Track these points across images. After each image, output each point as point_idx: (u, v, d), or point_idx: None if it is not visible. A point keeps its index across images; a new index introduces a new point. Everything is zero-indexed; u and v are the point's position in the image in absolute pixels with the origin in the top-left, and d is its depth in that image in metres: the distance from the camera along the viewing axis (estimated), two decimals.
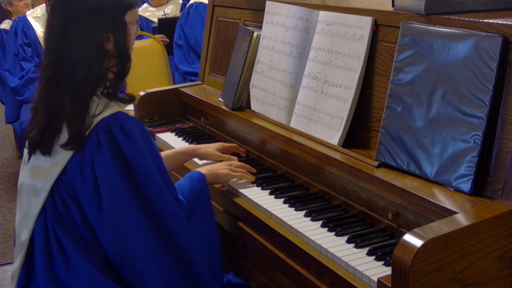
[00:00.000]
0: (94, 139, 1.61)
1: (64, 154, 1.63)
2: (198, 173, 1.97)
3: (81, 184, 1.62)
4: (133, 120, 1.67)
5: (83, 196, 1.63)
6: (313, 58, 2.11)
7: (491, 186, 1.55)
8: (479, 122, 1.55)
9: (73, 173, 1.63)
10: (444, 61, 1.65)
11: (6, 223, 4.01)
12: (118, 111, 1.65)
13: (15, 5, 5.18)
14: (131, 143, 1.63)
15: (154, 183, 1.66)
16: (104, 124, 1.62)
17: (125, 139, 1.62)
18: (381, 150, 1.78)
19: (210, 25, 2.93)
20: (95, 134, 1.61)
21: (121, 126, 1.63)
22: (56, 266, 1.66)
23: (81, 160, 1.62)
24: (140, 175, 1.63)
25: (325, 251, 1.65)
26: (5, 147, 5.70)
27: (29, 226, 1.70)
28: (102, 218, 1.62)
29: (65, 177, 1.64)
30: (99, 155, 1.61)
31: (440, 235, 1.34)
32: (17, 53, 4.37)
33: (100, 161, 1.60)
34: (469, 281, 1.41)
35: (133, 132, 1.64)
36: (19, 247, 1.73)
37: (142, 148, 1.65)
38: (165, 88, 2.98)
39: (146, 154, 1.65)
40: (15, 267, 1.73)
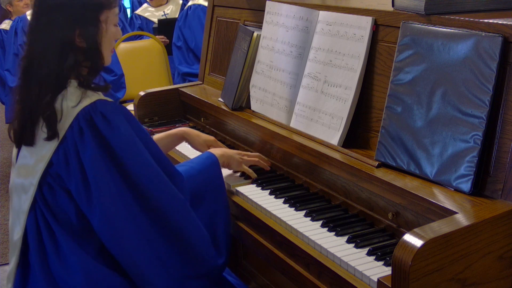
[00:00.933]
0: (76, 129, 1.63)
1: (48, 147, 1.65)
2: (213, 156, 2.00)
3: (67, 173, 1.64)
4: (113, 105, 1.69)
5: (71, 185, 1.64)
6: (313, 58, 2.11)
7: (491, 186, 1.55)
8: (479, 122, 1.55)
9: (59, 164, 1.64)
10: (444, 61, 1.65)
11: (6, 223, 4.01)
12: (97, 99, 1.67)
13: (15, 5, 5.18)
14: (113, 129, 1.64)
15: (141, 164, 1.66)
16: (85, 112, 1.64)
17: (107, 125, 1.64)
18: (381, 150, 1.79)
19: (210, 25, 2.92)
20: (77, 123, 1.63)
21: (101, 113, 1.64)
22: (50, 261, 1.67)
23: (66, 150, 1.64)
24: (125, 158, 1.64)
25: (325, 251, 1.65)
26: (5, 147, 5.70)
27: (21, 224, 1.71)
28: (91, 205, 1.62)
29: (51, 169, 1.66)
30: (82, 143, 1.62)
31: (440, 235, 1.34)
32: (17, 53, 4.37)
33: (85, 150, 1.62)
34: (469, 281, 1.41)
35: (114, 118, 1.65)
36: (13, 247, 1.74)
37: (125, 132, 1.66)
38: (165, 88, 2.99)
39: (130, 137, 1.66)
40: (10, 268, 1.74)
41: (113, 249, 1.66)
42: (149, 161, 1.68)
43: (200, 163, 1.96)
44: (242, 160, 2.11)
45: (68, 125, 1.63)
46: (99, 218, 1.63)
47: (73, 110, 1.64)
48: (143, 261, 1.66)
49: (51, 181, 1.67)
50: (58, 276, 1.66)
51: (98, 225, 1.64)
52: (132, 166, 1.65)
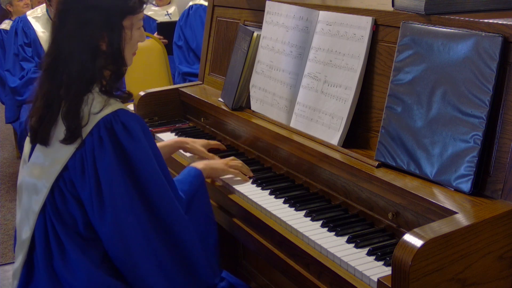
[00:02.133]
0: (96, 136, 1.62)
1: (65, 151, 1.65)
2: (195, 169, 1.99)
3: (81, 181, 1.63)
4: (134, 117, 1.69)
5: (84, 193, 1.64)
6: (313, 58, 2.11)
7: (491, 186, 1.55)
8: (479, 122, 1.55)
9: (74, 169, 1.64)
10: (444, 61, 1.65)
11: (6, 223, 4.01)
12: (119, 108, 1.67)
13: (15, 5, 5.18)
14: (133, 140, 1.64)
15: (156, 180, 1.67)
16: (106, 121, 1.63)
17: (127, 136, 1.64)
18: (381, 150, 1.79)
19: (210, 25, 2.93)
20: (97, 131, 1.63)
21: (123, 123, 1.64)
22: (55, 264, 1.67)
23: (83, 157, 1.63)
24: (142, 172, 1.64)
25: (325, 251, 1.65)
26: (5, 147, 5.70)
27: (30, 224, 1.71)
28: (103, 214, 1.62)
29: (65, 174, 1.65)
30: (101, 151, 1.62)
31: (440, 235, 1.34)
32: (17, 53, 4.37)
33: (102, 158, 1.62)
34: (469, 281, 1.41)
35: (135, 129, 1.65)
36: (20, 246, 1.74)
37: (144, 145, 1.66)
38: (165, 88, 2.98)
39: (148, 152, 1.67)
40: (17, 265, 1.74)
41: (117, 260, 1.67)
42: (162, 179, 1.69)
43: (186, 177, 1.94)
44: (225, 166, 2.11)
45: (89, 131, 1.63)
46: (108, 230, 1.63)
47: (95, 117, 1.64)
48: (148, 273, 1.67)
49: (62, 186, 1.66)
50: (62, 278, 1.67)
51: (107, 234, 1.64)
52: (146, 181, 1.65)
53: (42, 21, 4.36)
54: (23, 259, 1.72)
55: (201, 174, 1.97)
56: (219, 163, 2.12)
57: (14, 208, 4.18)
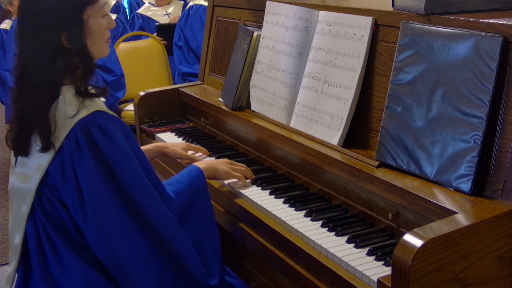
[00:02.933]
0: (73, 141, 1.60)
1: (44, 157, 1.62)
2: (197, 169, 1.96)
3: (64, 186, 1.62)
4: (112, 118, 1.65)
5: (67, 198, 1.62)
6: (313, 58, 2.11)
7: (491, 186, 1.55)
8: (479, 122, 1.55)
9: (55, 175, 1.62)
10: (444, 61, 1.65)
11: (6, 223, 4.01)
12: (95, 110, 1.63)
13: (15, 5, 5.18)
14: (111, 143, 1.61)
15: (137, 181, 1.64)
16: (82, 125, 1.60)
17: (104, 139, 1.60)
18: (381, 150, 1.79)
19: (210, 25, 2.93)
20: (74, 135, 1.59)
21: (99, 126, 1.61)
22: (51, 267, 1.66)
23: (62, 162, 1.61)
24: (121, 174, 1.61)
25: (325, 251, 1.65)
26: (5, 147, 5.70)
27: (20, 230, 1.69)
28: (86, 221, 1.60)
29: (48, 180, 1.63)
30: (79, 157, 1.59)
31: (440, 235, 1.34)
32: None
33: (81, 163, 1.59)
34: (469, 281, 1.41)
35: (113, 132, 1.62)
36: (13, 251, 1.73)
37: (123, 147, 1.63)
38: (165, 88, 2.99)
39: (127, 153, 1.63)
40: (10, 270, 1.73)
41: (107, 264, 1.65)
42: (145, 180, 1.66)
43: (186, 177, 1.92)
44: (228, 168, 2.06)
45: (65, 135, 1.60)
46: (94, 234, 1.61)
47: (70, 121, 1.60)
48: (138, 277, 1.65)
49: (47, 192, 1.65)
50: (58, 281, 1.66)
51: (93, 240, 1.62)
52: (128, 184, 1.62)
53: None
54: (16, 265, 1.72)
55: (202, 174, 1.94)
56: (222, 165, 2.06)
57: None
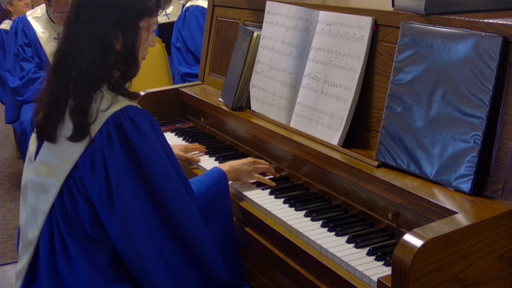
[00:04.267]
0: (105, 133, 1.61)
1: (74, 149, 1.63)
2: (219, 170, 1.97)
3: (91, 179, 1.62)
4: (143, 113, 1.68)
5: (94, 191, 1.63)
6: (313, 58, 2.11)
7: (491, 186, 1.55)
8: (479, 122, 1.55)
9: (84, 168, 1.63)
10: (444, 61, 1.65)
11: (6, 223, 4.01)
12: (128, 104, 1.66)
13: (15, 5, 5.17)
14: (142, 137, 1.63)
15: (165, 176, 1.66)
16: (115, 117, 1.62)
17: (136, 132, 1.63)
18: (381, 150, 1.79)
19: (210, 25, 2.93)
20: (106, 128, 1.62)
21: (131, 119, 1.63)
22: (59, 266, 1.66)
23: (93, 155, 1.62)
24: (150, 168, 1.63)
25: (325, 251, 1.65)
26: (5, 147, 5.70)
27: (38, 224, 1.69)
28: (113, 212, 1.61)
29: (75, 173, 1.64)
30: (110, 148, 1.61)
31: (440, 235, 1.34)
32: (17, 54, 4.36)
33: (111, 155, 1.61)
34: (469, 281, 1.41)
35: (143, 125, 1.64)
36: (26, 246, 1.72)
37: (153, 141, 1.65)
38: (165, 88, 2.99)
39: (157, 147, 1.66)
40: (22, 266, 1.72)
41: (126, 259, 1.66)
42: (173, 174, 1.68)
43: (208, 178, 1.93)
44: (251, 169, 2.07)
45: (98, 129, 1.62)
46: (119, 226, 1.62)
47: (104, 114, 1.62)
48: (156, 272, 1.66)
49: (72, 185, 1.65)
50: (65, 281, 1.66)
51: (117, 233, 1.63)
52: (155, 178, 1.64)
53: (42, 21, 4.36)
54: (28, 260, 1.71)
55: (225, 176, 1.95)
56: (245, 166, 2.06)
57: (14, 208, 4.18)
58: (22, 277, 1.72)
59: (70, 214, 1.66)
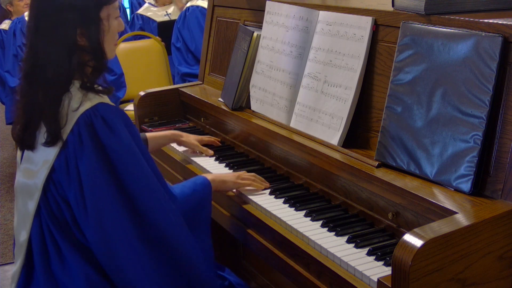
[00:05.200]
0: (76, 134, 1.60)
1: (51, 152, 1.62)
2: (203, 178, 1.95)
3: (67, 182, 1.61)
4: (115, 110, 1.65)
5: (70, 194, 1.61)
6: (313, 58, 2.11)
7: (491, 186, 1.55)
8: (479, 122, 1.55)
9: (60, 170, 1.62)
10: (444, 61, 1.65)
11: (6, 223, 4.01)
12: (99, 102, 1.63)
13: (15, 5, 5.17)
14: (113, 135, 1.60)
15: (139, 174, 1.63)
16: (86, 117, 1.60)
17: (107, 131, 1.60)
18: (381, 150, 1.78)
19: (210, 25, 2.93)
20: (77, 129, 1.59)
21: (102, 117, 1.61)
22: (53, 266, 1.66)
23: (67, 157, 1.61)
24: (123, 168, 1.60)
25: (325, 251, 1.65)
26: (5, 147, 5.70)
27: (26, 227, 1.69)
28: (86, 217, 1.59)
29: (54, 175, 1.63)
30: (80, 150, 1.59)
31: (440, 235, 1.34)
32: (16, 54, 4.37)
33: (82, 157, 1.59)
34: (469, 281, 1.41)
35: (115, 123, 1.61)
36: (19, 249, 1.73)
37: (126, 139, 1.62)
38: (165, 88, 2.99)
39: (130, 145, 1.63)
40: (16, 268, 1.73)
41: (104, 264, 1.63)
42: (148, 172, 1.65)
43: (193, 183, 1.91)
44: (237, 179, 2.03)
45: (69, 129, 1.60)
46: (93, 230, 1.60)
47: (74, 114, 1.60)
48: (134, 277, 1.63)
49: (52, 188, 1.64)
50: (60, 280, 1.65)
51: (92, 236, 1.61)
52: (129, 178, 1.61)
53: None
54: (21, 263, 1.71)
55: (209, 184, 1.93)
56: (230, 176, 2.04)
57: (13, 208, 4.18)
58: (16, 279, 1.72)
59: (57, 215, 1.65)
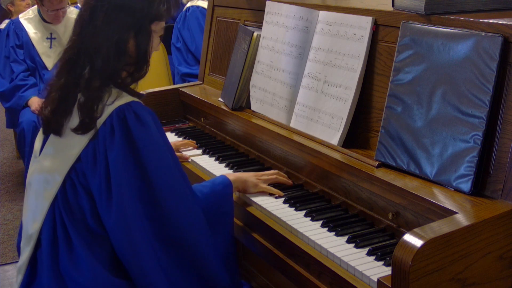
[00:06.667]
0: (109, 126, 1.64)
1: (78, 142, 1.66)
2: (224, 177, 1.95)
3: (93, 171, 1.64)
4: (147, 109, 1.71)
5: (94, 183, 1.64)
6: (313, 58, 2.11)
7: (491, 186, 1.55)
8: (479, 122, 1.55)
9: (86, 160, 1.65)
10: (444, 61, 1.65)
11: (6, 223, 4.01)
12: (132, 100, 1.69)
13: (17, 4, 5.17)
14: (143, 128, 1.65)
15: (165, 170, 1.66)
16: (119, 111, 1.65)
17: (139, 125, 1.65)
18: (381, 150, 1.79)
19: (210, 25, 2.93)
20: (110, 121, 1.64)
21: (135, 113, 1.66)
22: (61, 258, 1.66)
23: (95, 147, 1.64)
24: (150, 161, 1.64)
25: (325, 251, 1.65)
26: (5, 147, 5.70)
27: (39, 216, 1.70)
28: (110, 205, 1.62)
29: (78, 165, 1.66)
30: (111, 141, 1.63)
31: (440, 235, 1.34)
32: (8, 55, 4.34)
33: (112, 148, 1.62)
34: (469, 281, 1.41)
35: (146, 119, 1.67)
36: (27, 240, 1.72)
37: (155, 135, 1.67)
38: (165, 88, 2.99)
39: (158, 141, 1.67)
40: (22, 261, 1.73)
41: (121, 255, 1.65)
42: (174, 171, 1.68)
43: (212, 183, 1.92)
44: (258, 181, 2.03)
45: (102, 122, 1.64)
46: (114, 219, 1.62)
47: (109, 108, 1.65)
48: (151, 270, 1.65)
49: (74, 177, 1.67)
50: (66, 273, 1.65)
51: (112, 226, 1.63)
52: (155, 172, 1.64)
53: (34, 22, 4.35)
54: (29, 254, 1.71)
55: (230, 184, 1.93)
56: (252, 177, 2.04)
57: (14, 208, 4.18)
58: (23, 271, 1.72)
59: (72, 206, 1.67)
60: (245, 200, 2.02)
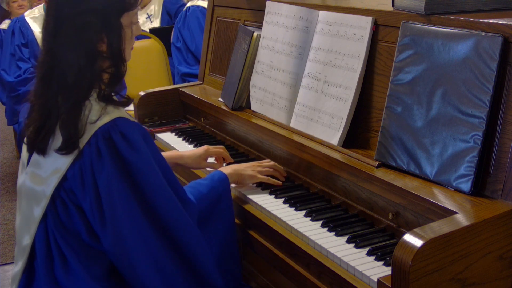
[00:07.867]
0: (94, 147, 1.57)
1: (63, 161, 1.60)
2: (220, 173, 1.95)
3: (82, 192, 1.60)
4: (134, 125, 1.64)
5: (85, 203, 1.60)
6: (313, 58, 2.11)
7: (491, 186, 1.55)
8: (479, 122, 1.55)
9: (74, 180, 1.60)
10: (444, 61, 1.65)
11: (6, 223, 4.01)
12: (117, 116, 1.61)
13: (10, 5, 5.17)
14: (134, 151, 1.59)
15: (158, 189, 1.62)
16: (104, 131, 1.58)
17: (127, 146, 1.58)
18: (381, 150, 1.79)
19: (210, 25, 2.93)
20: (95, 141, 1.57)
21: (121, 133, 1.59)
22: (57, 272, 1.64)
23: (82, 168, 1.59)
24: (143, 182, 1.60)
25: (325, 251, 1.65)
26: (5, 147, 5.70)
27: (30, 232, 1.67)
28: (104, 227, 1.58)
29: (65, 184, 1.61)
30: (99, 163, 1.57)
31: (440, 235, 1.34)
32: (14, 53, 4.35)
33: (101, 170, 1.57)
34: (469, 281, 1.41)
35: (134, 138, 1.60)
36: (21, 251, 1.71)
37: (146, 155, 1.61)
38: (165, 88, 2.98)
39: (150, 161, 1.62)
40: (17, 270, 1.71)
41: (122, 273, 1.64)
42: (166, 187, 1.64)
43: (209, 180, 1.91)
44: (254, 172, 2.03)
45: (86, 141, 1.58)
46: (111, 240, 1.59)
47: (92, 127, 1.58)
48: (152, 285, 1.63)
49: (64, 195, 1.62)
50: (63, 285, 1.64)
51: (110, 247, 1.60)
52: (149, 192, 1.60)
53: (40, 21, 4.35)
54: (23, 265, 1.70)
55: (226, 179, 1.93)
56: (248, 168, 2.03)
57: (14, 208, 4.18)
58: (18, 280, 1.71)
59: (65, 223, 1.63)
60: (245, 200, 2.02)
